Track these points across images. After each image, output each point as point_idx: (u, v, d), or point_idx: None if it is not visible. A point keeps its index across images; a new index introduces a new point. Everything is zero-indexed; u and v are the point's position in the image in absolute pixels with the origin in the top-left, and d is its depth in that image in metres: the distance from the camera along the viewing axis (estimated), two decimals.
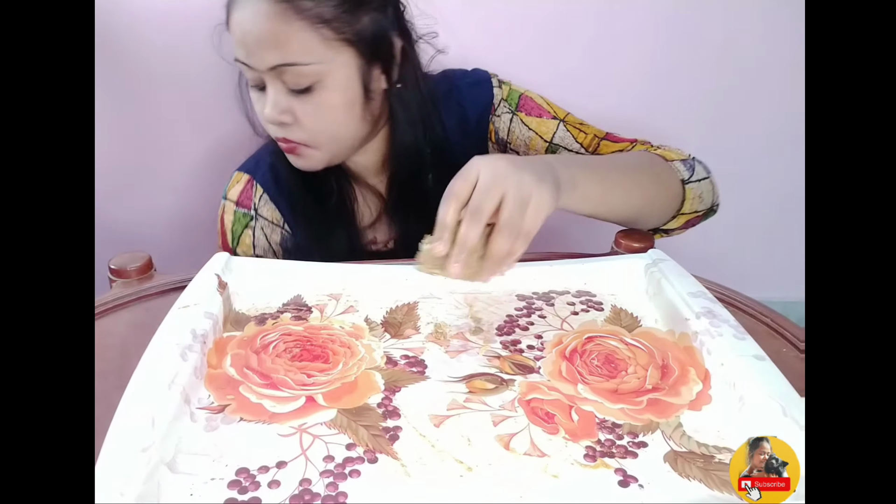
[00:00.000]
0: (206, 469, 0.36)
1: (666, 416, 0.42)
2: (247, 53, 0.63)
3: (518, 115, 0.77)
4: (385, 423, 0.41)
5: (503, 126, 0.78)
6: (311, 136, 0.67)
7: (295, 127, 0.67)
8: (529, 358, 0.48)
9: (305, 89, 0.64)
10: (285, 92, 0.65)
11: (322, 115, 0.66)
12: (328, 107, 0.66)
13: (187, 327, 0.45)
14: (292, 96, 0.65)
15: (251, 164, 0.79)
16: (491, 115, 0.79)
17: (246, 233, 0.77)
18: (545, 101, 0.79)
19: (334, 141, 0.70)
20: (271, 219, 0.77)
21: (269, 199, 0.77)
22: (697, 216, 0.71)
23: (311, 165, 0.71)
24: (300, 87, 0.64)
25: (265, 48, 0.62)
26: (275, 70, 0.63)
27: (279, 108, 0.65)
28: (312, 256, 0.66)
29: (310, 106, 0.65)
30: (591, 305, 0.55)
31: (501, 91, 0.79)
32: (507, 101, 0.78)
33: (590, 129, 0.77)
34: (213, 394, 0.43)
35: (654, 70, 1.10)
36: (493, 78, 0.80)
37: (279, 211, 0.77)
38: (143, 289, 0.57)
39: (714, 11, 1.06)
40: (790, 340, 0.50)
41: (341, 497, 0.35)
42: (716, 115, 1.14)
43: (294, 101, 0.65)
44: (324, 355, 0.47)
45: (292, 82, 0.64)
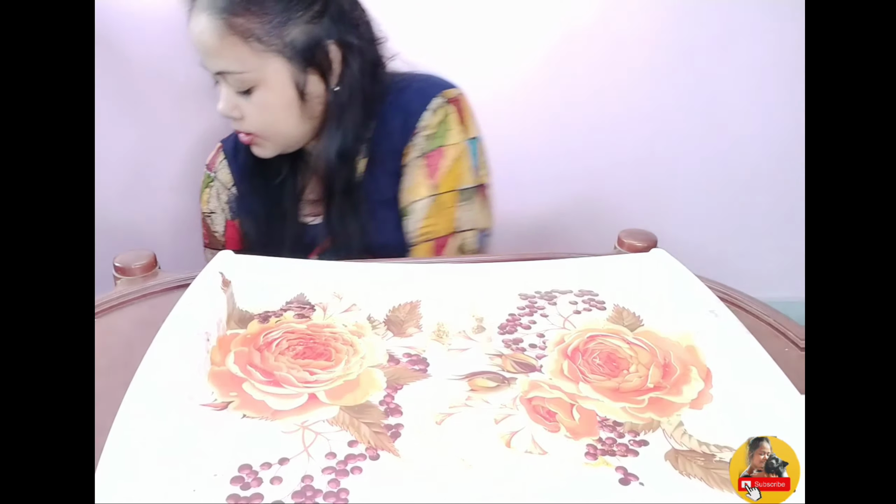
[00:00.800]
0: (209, 465, 0.37)
1: (667, 415, 0.42)
2: (201, 58, 0.74)
3: (420, 160, 0.78)
4: (387, 420, 0.41)
5: (408, 158, 0.79)
6: (258, 129, 0.77)
7: (244, 121, 0.76)
8: (531, 356, 0.48)
9: (247, 91, 0.74)
10: (233, 91, 0.75)
11: (263, 113, 0.75)
12: (267, 106, 0.75)
13: (191, 325, 0.45)
14: (239, 95, 0.75)
15: (228, 136, 0.90)
16: (412, 134, 0.79)
17: (206, 191, 0.91)
18: (454, 164, 0.78)
19: (279, 135, 0.78)
20: (224, 181, 0.89)
21: (227, 164, 0.89)
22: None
23: (265, 154, 0.80)
24: (242, 89, 0.74)
25: (209, 56, 0.73)
26: (220, 74, 0.74)
27: (229, 104, 0.75)
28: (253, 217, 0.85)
29: (252, 105, 0.75)
30: (594, 304, 0.55)
31: (433, 118, 0.78)
32: (426, 141, 0.78)
33: (440, 223, 0.79)
34: (216, 391, 0.43)
35: (655, 70, 1.10)
36: (437, 98, 0.79)
37: (231, 175, 0.88)
38: (147, 286, 0.57)
39: (714, 11, 1.06)
40: (792, 340, 0.50)
41: (343, 493, 0.35)
42: (716, 115, 1.14)
43: (241, 99, 0.75)
44: (326, 353, 0.47)
45: (235, 85, 0.74)
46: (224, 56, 0.72)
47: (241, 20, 0.71)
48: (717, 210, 1.22)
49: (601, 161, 1.14)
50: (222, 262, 0.54)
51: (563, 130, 1.10)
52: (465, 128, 0.80)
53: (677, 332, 0.50)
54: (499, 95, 1.05)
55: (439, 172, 0.78)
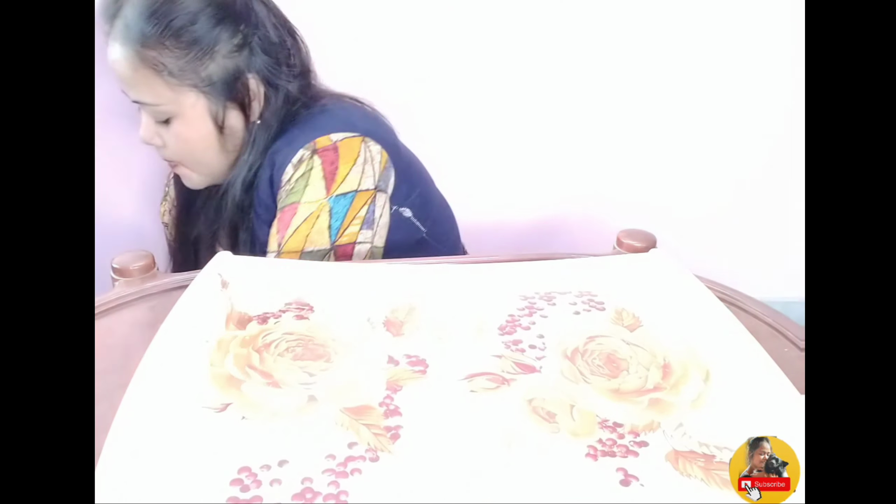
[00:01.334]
0: (209, 467, 0.37)
1: (667, 416, 0.42)
2: (126, 87, 0.72)
3: (278, 214, 0.72)
4: (386, 421, 0.41)
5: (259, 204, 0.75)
6: (179, 158, 0.76)
7: (166, 150, 0.75)
8: (531, 357, 0.48)
9: (165, 121, 0.72)
10: (152, 120, 0.73)
11: (182, 144, 0.74)
12: (185, 138, 0.73)
13: (190, 326, 0.45)
14: (158, 124, 0.73)
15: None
16: (279, 188, 0.72)
17: (163, 203, 0.91)
18: (306, 224, 0.71)
19: (201, 165, 0.76)
20: (172, 198, 0.89)
21: (173, 182, 0.88)
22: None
23: (192, 183, 0.79)
24: (159, 119, 0.72)
25: (125, 85, 0.71)
26: (136, 103, 0.72)
27: (149, 132, 0.74)
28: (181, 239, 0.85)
29: (170, 135, 0.73)
30: (593, 305, 0.55)
31: (295, 172, 0.70)
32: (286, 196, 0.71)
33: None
34: (215, 392, 0.43)
35: (655, 70, 1.10)
36: (304, 149, 0.70)
37: (175, 192, 0.88)
38: (145, 288, 0.57)
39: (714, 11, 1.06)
40: (791, 340, 0.50)
41: (343, 495, 0.35)
42: (716, 116, 1.14)
43: (160, 128, 0.73)
44: (325, 354, 0.47)
45: (153, 115, 0.72)
46: (138, 87, 0.70)
47: (153, 53, 0.68)
48: (717, 210, 1.22)
49: (601, 161, 1.14)
50: (221, 264, 0.54)
51: (562, 130, 1.10)
52: (331, 185, 0.70)
53: (677, 333, 0.50)
54: (498, 95, 1.05)
55: (287, 230, 0.70)
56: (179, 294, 0.50)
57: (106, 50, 0.71)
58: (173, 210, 0.89)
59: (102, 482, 0.32)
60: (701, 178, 1.20)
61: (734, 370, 0.43)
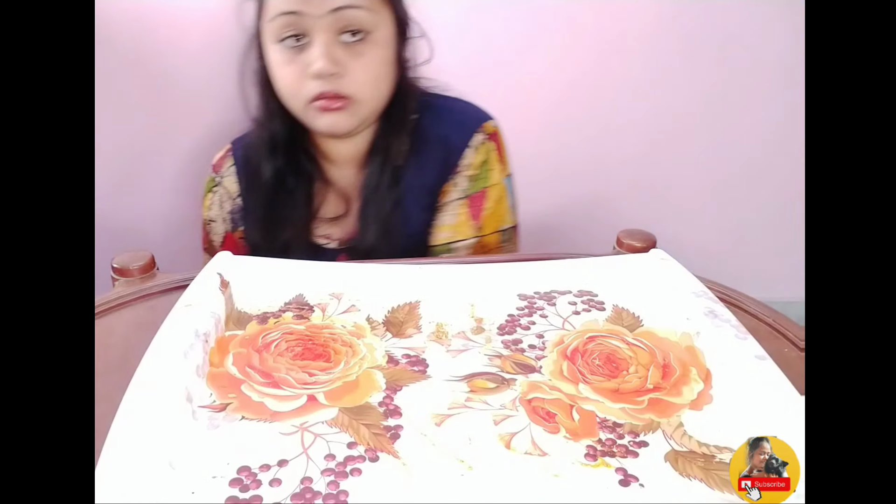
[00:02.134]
0: (208, 467, 0.37)
1: (667, 416, 0.42)
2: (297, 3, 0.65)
3: (462, 200, 0.75)
4: (386, 421, 0.41)
5: (449, 195, 0.76)
6: (356, 88, 0.68)
7: (344, 80, 0.67)
8: (531, 357, 0.48)
9: (355, 40, 0.66)
10: (335, 42, 0.66)
11: (368, 67, 0.68)
12: (373, 60, 0.68)
13: (189, 326, 0.45)
14: (341, 47, 0.66)
15: (238, 137, 0.83)
16: (453, 173, 0.76)
17: (208, 195, 0.83)
18: (498, 206, 0.76)
19: (373, 99, 0.71)
20: (229, 189, 0.81)
21: (235, 171, 0.81)
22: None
23: (343, 125, 0.71)
24: (354, 35, 0.66)
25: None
26: (333, 14, 0.64)
27: (331, 57, 0.66)
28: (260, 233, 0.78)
29: (358, 57, 0.67)
30: (593, 305, 0.55)
31: (476, 157, 0.75)
32: (469, 182, 0.75)
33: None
34: (214, 392, 0.43)
35: (654, 71, 1.10)
36: (479, 133, 0.75)
37: (238, 185, 0.81)
38: (145, 288, 0.57)
39: (715, 12, 1.06)
40: (791, 340, 0.50)
41: (342, 495, 0.35)
42: (716, 116, 1.14)
43: (343, 51, 0.67)
44: (325, 354, 0.47)
45: (349, 29, 0.66)
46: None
47: None
48: (717, 210, 1.22)
49: (601, 161, 1.14)
50: (221, 263, 0.54)
51: (561, 130, 1.10)
52: (504, 166, 0.77)
53: (677, 333, 0.50)
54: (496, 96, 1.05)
55: (483, 214, 0.75)
56: (179, 294, 0.50)
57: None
58: (231, 203, 0.82)
59: (102, 482, 0.32)
60: (701, 178, 1.20)
61: (734, 370, 0.43)
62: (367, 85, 0.69)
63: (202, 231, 0.88)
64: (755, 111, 1.15)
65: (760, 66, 1.11)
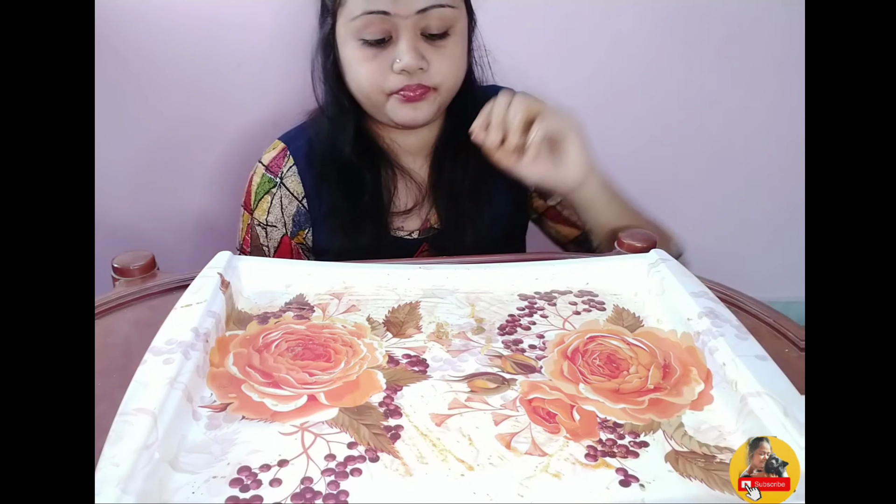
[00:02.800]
0: (208, 467, 0.37)
1: (667, 416, 0.42)
2: (385, 3, 0.66)
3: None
4: (386, 421, 0.41)
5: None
6: (440, 79, 0.70)
7: (427, 73, 0.69)
8: (531, 357, 0.48)
9: (439, 35, 0.68)
10: (419, 38, 0.68)
11: (449, 60, 0.70)
12: (453, 53, 0.70)
13: (190, 326, 0.45)
14: (425, 42, 0.68)
15: (290, 135, 0.81)
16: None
17: (266, 198, 0.79)
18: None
19: (453, 87, 0.73)
20: (293, 190, 0.79)
21: (297, 171, 0.78)
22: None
23: (424, 114, 0.72)
24: (439, 31, 0.68)
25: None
26: (421, 14, 0.66)
27: (418, 53, 0.68)
28: (327, 235, 0.76)
29: (440, 51, 0.69)
30: (594, 305, 0.55)
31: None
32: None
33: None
34: (215, 392, 0.43)
35: (654, 71, 1.10)
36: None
37: (303, 185, 0.78)
38: (145, 287, 0.57)
39: (715, 12, 1.06)
40: (792, 340, 0.50)
41: (342, 495, 0.35)
42: (715, 116, 1.14)
43: (426, 47, 0.68)
44: (326, 354, 0.47)
45: (434, 26, 0.68)
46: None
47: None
48: (717, 210, 1.22)
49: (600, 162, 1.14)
50: (221, 263, 0.54)
51: None
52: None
53: (677, 333, 0.50)
54: None
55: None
56: (180, 294, 0.50)
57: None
58: (295, 205, 0.79)
59: (102, 482, 0.32)
60: (701, 178, 1.20)
61: (735, 370, 0.43)
62: (449, 76, 0.71)
63: (243, 234, 0.82)
64: (755, 111, 1.15)
65: (761, 66, 1.11)
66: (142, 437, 0.35)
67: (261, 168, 0.79)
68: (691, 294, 0.51)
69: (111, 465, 0.33)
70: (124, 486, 0.32)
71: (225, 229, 0.83)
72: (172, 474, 0.36)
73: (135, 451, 0.34)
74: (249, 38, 1.00)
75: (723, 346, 0.45)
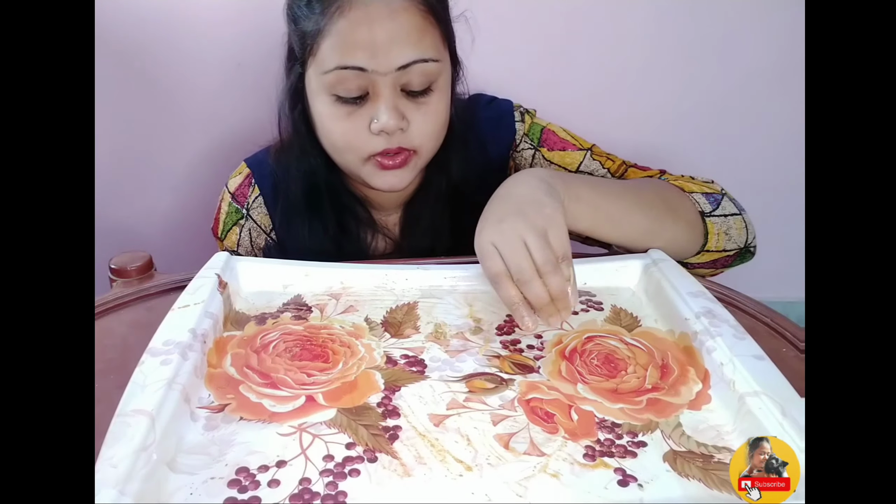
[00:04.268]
0: (206, 468, 0.37)
1: (665, 416, 0.42)
2: (370, 55, 0.58)
3: (541, 150, 0.75)
4: (385, 422, 0.41)
5: (524, 162, 0.76)
6: (421, 140, 0.64)
7: (408, 134, 0.63)
8: (529, 357, 0.48)
9: (421, 92, 0.62)
10: (399, 96, 0.61)
11: (432, 118, 0.64)
12: (436, 110, 0.64)
13: (187, 327, 0.45)
14: (406, 100, 0.62)
15: (257, 159, 0.76)
16: (512, 150, 0.76)
17: (234, 229, 0.75)
18: (569, 134, 0.76)
19: (434, 148, 0.67)
20: (260, 223, 0.75)
21: (264, 202, 0.74)
22: (727, 256, 0.65)
23: (403, 181, 0.66)
24: (421, 87, 0.62)
25: (401, 45, 0.59)
26: (402, 70, 0.59)
27: (398, 113, 0.61)
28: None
29: (422, 108, 0.63)
30: (591, 305, 0.55)
31: (524, 125, 0.76)
32: (529, 136, 0.75)
33: (617, 159, 0.74)
34: (213, 393, 0.43)
35: (654, 72, 1.10)
36: (517, 111, 0.76)
37: (270, 218, 0.74)
38: (143, 288, 0.57)
39: (715, 12, 1.06)
40: (790, 340, 0.50)
41: (341, 496, 0.35)
42: (716, 116, 1.14)
43: (407, 104, 0.62)
44: (324, 355, 0.47)
45: (415, 83, 0.61)
46: (422, 41, 0.60)
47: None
48: None
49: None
50: (219, 264, 0.54)
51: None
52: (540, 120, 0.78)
53: (675, 333, 0.50)
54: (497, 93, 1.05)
55: (569, 138, 0.75)
56: (177, 295, 0.50)
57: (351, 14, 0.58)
58: (264, 238, 0.75)
59: (102, 482, 0.32)
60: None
61: (733, 370, 0.43)
62: (431, 136, 0.65)
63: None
64: (755, 111, 1.14)
65: (761, 66, 1.11)
66: (139, 439, 0.35)
67: (227, 196, 0.75)
68: (689, 294, 0.51)
69: (109, 467, 0.33)
70: (122, 488, 0.32)
71: None
72: (170, 475, 0.36)
73: (132, 452, 0.34)
74: (249, 37, 1.00)
75: (720, 346, 0.45)
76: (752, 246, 0.67)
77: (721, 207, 0.64)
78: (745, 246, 0.66)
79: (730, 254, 0.65)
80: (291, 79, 0.66)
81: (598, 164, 0.74)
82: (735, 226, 0.64)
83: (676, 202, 0.63)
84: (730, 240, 0.64)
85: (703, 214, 0.63)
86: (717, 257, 0.65)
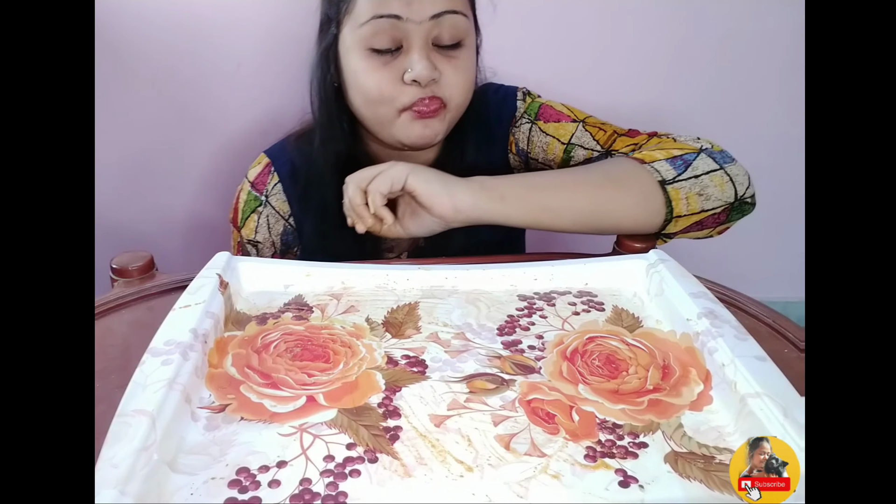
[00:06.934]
0: (207, 468, 0.37)
1: (667, 417, 0.42)
2: (405, 3, 0.62)
3: (537, 123, 0.76)
4: (385, 422, 0.41)
5: (522, 136, 0.77)
6: (452, 93, 0.67)
7: (439, 84, 0.66)
8: (530, 358, 0.48)
9: (451, 46, 0.66)
10: (431, 49, 0.65)
11: (462, 73, 0.67)
12: (465, 66, 0.68)
13: (188, 327, 0.45)
14: (438, 53, 0.65)
15: (275, 150, 0.78)
16: (512, 126, 0.78)
17: (252, 216, 0.77)
18: (566, 107, 0.77)
19: (462, 105, 0.70)
20: (279, 209, 0.77)
21: (283, 189, 0.76)
22: (712, 215, 0.64)
23: (435, 134, 0.68)
24: (451, 41, 0.65)
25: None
26: (434, 20, 0.63)
27: (430, 63, 0.64)
28: (314, 255, 0.68)
29: (452, 62, 0.66)
30: (593, 306, 0.55)
31: (524, 104, 0.78)
32: (528, 113, 0.77)
33: (609, 127, 0.74)
34: (213, 393, 0.43)
35: (654, 70, 1.10)
36: (520, 91, 0.79)
37: (289, 203, 0.77)
38: (144, 288, 0.57)
39: (715, 10, 1.06)
40: (791, 341, 0.50)
41: (341, 497, 0.35)
42: (716, 115, 1.14)
43: (439, 57, 0.65)
44: (325, 355, 0.47)
45: (446, 35, 0.65)
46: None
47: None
48: None
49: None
50: (220, 264, 0.54)
51: None
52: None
53: (676, 334, 0.50)
54: None
55: (566, 111, 0.76)
56: (178, 295, 0.50)
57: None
58: (282, 224, 0.78)
59: (102, 482, 0.32)
60: None
61: (735, 371, 0.43)
62: (461, 90, 0.68)
63: (234, 251, 0.80)
64: (755, 110, 1.15)
65: (761, 65, 1.11)
66: (140, 439, 0.35)
67: (247, 185, 0.77)
68: (690, 294, 0.51)
69: (109, 467, 0.33)
70: (122, 488, 0.32)
71: (224, 230, 0.83)
72: (171, 476, 0.36)
73: (133, 452, 0.34)
74: (249, 38, 1.00)
75: (722, 347, 0.45)
76: (748, 197, 0.65)
77: (692, 168, 0.64)
78: (735, 200, 0.64)
79: (715, 212, 0.64)
80: (325, 42, 0.69)
81: (588, 135, 0.74)
82: (713, 182, 0.63)
83: (626, 177, 0.64)
84: (707, 199, 0.63)
85: (663, 183, 0.63)
86: (699, 219, 0.64)
